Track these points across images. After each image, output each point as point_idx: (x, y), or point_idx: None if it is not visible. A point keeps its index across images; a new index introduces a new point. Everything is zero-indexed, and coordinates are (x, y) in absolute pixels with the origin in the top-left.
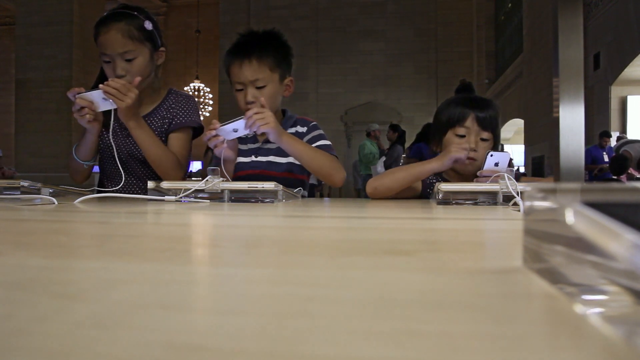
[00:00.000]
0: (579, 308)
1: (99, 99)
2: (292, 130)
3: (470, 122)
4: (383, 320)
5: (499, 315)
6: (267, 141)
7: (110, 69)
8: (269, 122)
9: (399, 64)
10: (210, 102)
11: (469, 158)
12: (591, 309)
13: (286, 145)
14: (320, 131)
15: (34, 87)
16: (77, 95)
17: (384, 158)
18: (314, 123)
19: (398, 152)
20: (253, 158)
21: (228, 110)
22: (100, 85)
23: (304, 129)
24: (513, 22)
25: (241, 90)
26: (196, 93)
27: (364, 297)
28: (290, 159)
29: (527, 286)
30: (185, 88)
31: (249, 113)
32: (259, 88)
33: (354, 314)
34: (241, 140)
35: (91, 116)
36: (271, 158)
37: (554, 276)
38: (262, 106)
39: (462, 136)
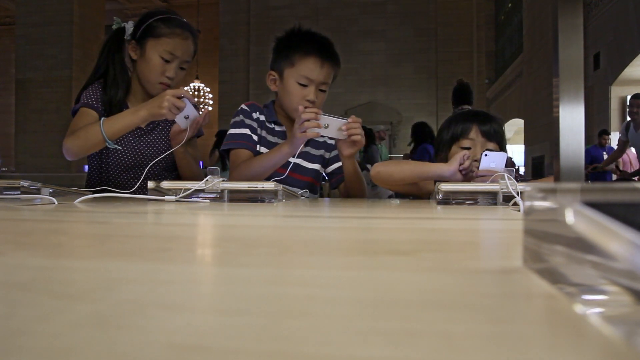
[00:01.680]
0: (579, 308)
1: (186, 116)
2: (321, 139)
3: (474, 133)
4: (383, 320)
5: (499, 315)
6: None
7: (165, 68)
8: (362, 141)
9: (399, 64)
10: (210, 102)
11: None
12: (591, 309)
13: (350, 164)
14: None
15: (34, 87)
16: (186, 100)
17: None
18: None
19: (372, 151)
20: (293, 159)
21: (228, 111)
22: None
23: (332, 141)
24: (513, 22)
25: (305, 86)
26: (196, 93)
27: (364, 297)
28: (317, 166)
29: (527, 286)
30: (186, 88)
31: (356, 119)
32: (321, 91)
33: (354, 314)
34: (274, 133)
35: (173, 114)
36: (299, 161)
37: (554, 276)
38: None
39: (468, 148)
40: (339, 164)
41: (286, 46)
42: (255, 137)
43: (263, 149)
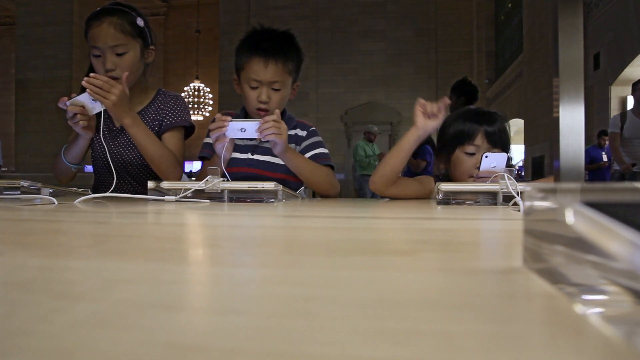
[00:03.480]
0: (579, 308)
1: (89, 102)
2: (292, 132)
3: (479, 139)
4: (383, 320)
5: (499, 315)
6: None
7: (100, 63)
8: (282, 135)
9: (399, 64)
10: (210, 102)
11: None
12: (591, 309)
13: (289, 159)
14: (319, 138)
15: (34, 87)
16: (67, 103)
17: None
18: (314, 128)
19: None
20: (249, 155)
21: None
22: (83, 82)
23: (304, 133)
24: (513, 22)
25: (255, 88)
26: (196, 93)
27: (364, 297)
28: None
29: (527, 286)
30: (185, 88)
31: (268, 119)
32: (274, 90)
33: (354, 314)
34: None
35: (85, 122)
36: (269, 158)
37: (554, 276)
38: (265, 110)
39: (472, 154)
40: (307, 155)
41: (238, 49)
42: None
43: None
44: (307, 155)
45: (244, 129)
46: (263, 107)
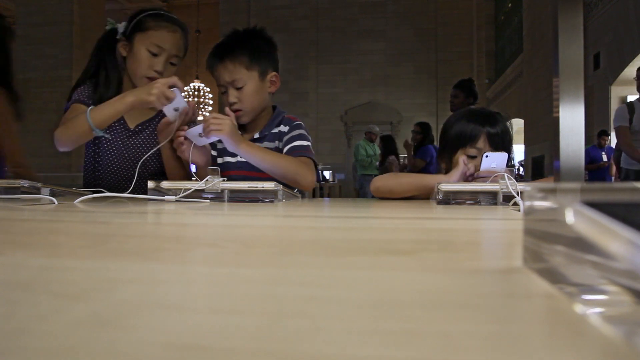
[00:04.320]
0: (579, 308)
1: (171, 108)
2: (276, 130)
3: (482, 142)
4: (383, 320)
5: (499, 315)
6: (254, 140)
7: (153, 62)
8: (223, 129)
9: (399, 64)
10: (210, 102)
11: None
12: (591, 309)
13: (244, 153)
14: (301, 131)
15: (34, 87)
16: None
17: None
18: (298, 122)
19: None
20: (238, 158)
21: None
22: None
23: (286, 129)
24: (513, 22)
25: (225, 92)
26: (196, 93)
27: (364, 297)
28: None
29: (527, 286)
30: (185, 88)
31: (207, 117)
32: (238, 89)
33: (354, 314)
34: None
35: (161, 104)
36: None
37: (554, 276)
38: (238, 110)
39: (474, 157)
40: (285, 149)
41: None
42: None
43: None
44: (285, 149)
45: (201, 133)
46: (234, 108)
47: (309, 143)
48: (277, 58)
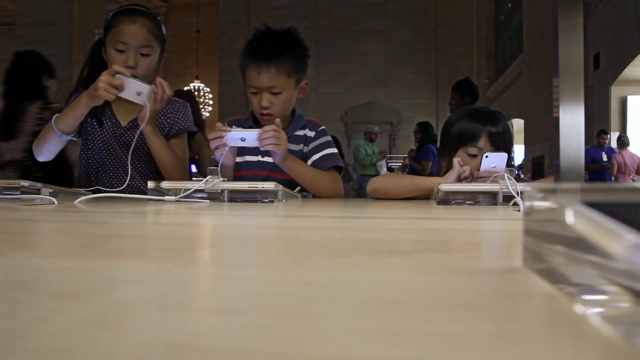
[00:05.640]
0: (579, 308)
1: (133, 94)
2: (301, 132)
3: (483, 141)
4: (383, 320)
5: (499, 315)
6: None
7: (122, 58)
8: (282, 145)
9: (399, 64)
10: (210, 102)
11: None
12: (591, 309)
13: (288, 167)
14: (328, 137)
15: None
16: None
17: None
18: (323, 128)
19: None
20: (260, 158)
21: (228, 111)
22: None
23: (312, 134)
24: (513, 22)
25: (256, 93)
26: (196, 93)
27: (364, 297)
28: None
29: (527, 286)
30: (185, 88)
31: (267, 129)
32: (274, 94)
33: (354, 314)
34: None
35: (109, 89)
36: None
37: (554, 276)
38: (269, 115)
39: (474, 155)
40: (317, 156)
41: (241, 54)
42: None
43: None
44: (316, 156)
45: (243, 138)
46: (265, 112)
47: (336, 150)
48: (307, 64)
